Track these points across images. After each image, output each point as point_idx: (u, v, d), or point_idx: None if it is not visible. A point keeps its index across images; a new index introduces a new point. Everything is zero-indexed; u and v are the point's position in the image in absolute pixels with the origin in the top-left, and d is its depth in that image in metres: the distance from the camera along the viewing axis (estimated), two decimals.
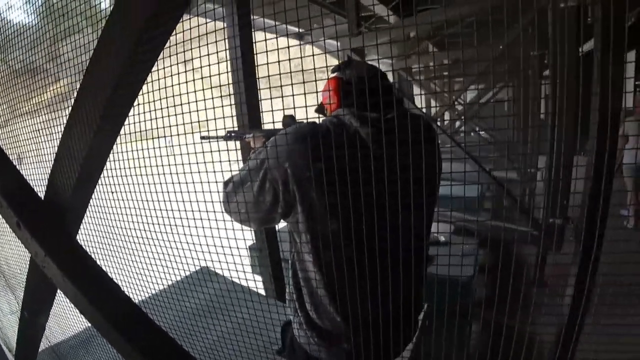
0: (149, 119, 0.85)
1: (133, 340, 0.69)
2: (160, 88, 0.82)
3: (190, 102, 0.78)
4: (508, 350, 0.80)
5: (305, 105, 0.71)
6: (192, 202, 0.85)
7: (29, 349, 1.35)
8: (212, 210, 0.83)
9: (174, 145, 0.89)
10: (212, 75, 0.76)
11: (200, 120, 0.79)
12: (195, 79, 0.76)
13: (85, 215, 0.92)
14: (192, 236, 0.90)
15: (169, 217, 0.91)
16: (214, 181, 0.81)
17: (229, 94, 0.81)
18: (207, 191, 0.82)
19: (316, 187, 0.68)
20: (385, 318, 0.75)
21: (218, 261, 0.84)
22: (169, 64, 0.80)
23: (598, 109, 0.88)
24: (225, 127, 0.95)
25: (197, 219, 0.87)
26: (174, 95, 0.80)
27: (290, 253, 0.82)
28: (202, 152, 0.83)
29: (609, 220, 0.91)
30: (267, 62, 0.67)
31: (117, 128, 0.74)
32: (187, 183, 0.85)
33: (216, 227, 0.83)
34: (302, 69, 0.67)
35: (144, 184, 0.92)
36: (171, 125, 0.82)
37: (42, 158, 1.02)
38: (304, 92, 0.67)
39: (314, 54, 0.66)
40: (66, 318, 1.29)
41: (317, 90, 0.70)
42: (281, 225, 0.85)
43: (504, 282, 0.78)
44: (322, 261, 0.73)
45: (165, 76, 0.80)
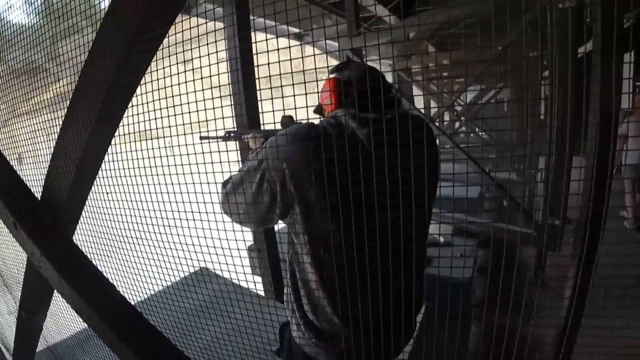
0: (147, 120, 0.85)
1: (128, 340, 0.69)
2: (158, 88, 0.81)
3: (189, 103, 0.78)
4: (508, 351, 0.80)
5: (306, 105, 0.70)
6: (190, 202, 0.85)
7: (26, 348, 1.35)
8: (213, 212, 0.83)
9: (173, 145, 0.89)
10: (211, 76, 0.76)
11: (200, 121, 0.79)
12: (194, 79, 0.76)
13: (83, 216, 0.92)
14: (192, 237, 0.90)
15: (167, 217, 0.91)
16: (212, 182, 0.81)
17: (227, 94, 0.80)
18: (206, 192, 0.82)
19: (314, 188, 0.68)
20: (383, 319, 0.75)
21: (218, 262, 0.84)
22: (167, 64, 0.80)
23: (597, 109, 0.88)
24: (224, 128, 0.95)
25: (195, 220, 0.87)
26: (172, 96, 0.80)
27: (288, 254, 0.82)
28: (202, 152, 0.83)
29: (609, 221, 0.91)
30: (268, 63, 0.67)
31: (112, 129, 0.75)
32: (185, 184, 0.85)
33: (215, 228, 0.83)
34: (303, 69, 0.67)
35: (141, 185, 0.91)
36: (170, 125, 0.82)
37: (39, 158, 1.02)
38: (304, 93, 0.67)
39: (314, 54, 0.65)
40: (64, 318, 1.28)
41: (315, 91, 0.70)
42: (280, 226, 0.85)
43: (502, 283, 0.78)
44: (320, 262, 0.73)
45: (165, 76, 0.80)
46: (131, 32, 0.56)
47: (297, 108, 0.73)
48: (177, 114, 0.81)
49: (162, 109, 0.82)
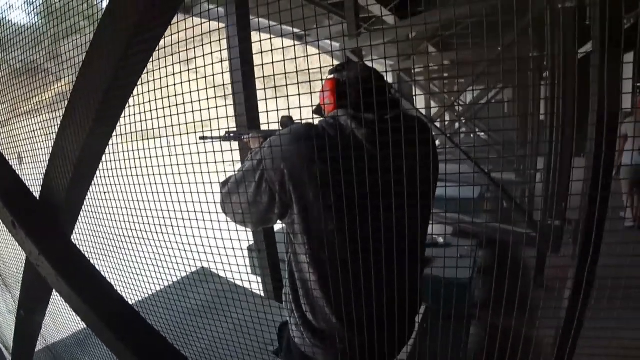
0: (148, 119, 0.85)
1: (125, 340, 0.69)
2: (157, 88, 0.82)
3: (187, 102, 0.78)
4: (507, 352, 0.80)
5: (311, 105, 0.70)
6: (190, 202, 0.85)
7: (25, 347, 1.35)
8: (211, 212, 0.83)
9: (173, 145, 0.89)
10: (212, 75, 0.76)
11: (201, 120, 0.79)
12: (191, 79, 0.76)
13: (81, 215, 0.92)
14: (190, 237, 0.90)
15: (166, 217, 0.91)
16: (212, 182, 0.81)
17: (225, 94, 0.80)
18: (205, 192, 0.82)
19: (312, 188, 0.68)
20: (381, 319, 0.75)
21: (221, 262, 0.84)
22: (167, 64, 0.79)
23: (596, 110, 0.88)
24: (227, 127, 0.95)
25: (193, 219, 0.87)
26: (173, 96, 0.80)
27: (286, 254, 0.82)
28: (204, 152, 0.83)
29: (608, 222, 0.91)
30: (265, 63, 0.67)
31: (110, 130, 0.75)
32: (182, 183, 0.85)
33: (216, 228, 0.83)
34: (304, 70, 0.67)
35: (140, 185, 0.92)
36: (172, 125, 0.82)
37: (38, 158, 1.02)
38: (304, 93, 0.67)
39: (317, 54, 0.65)
40: (62, 317, 1.29)
41: (314, 91, 0.70)
42: (279, 227, 0.85)
43: (502, 284, 0.78)
44: (318, 262, 0.73)
45: (166, 76, 0.80)
46: (128, 33, 0.57)
47: (297, 108, 0.73)
48: (177, 114, 0.81)
49: (162, 108, 0.82)
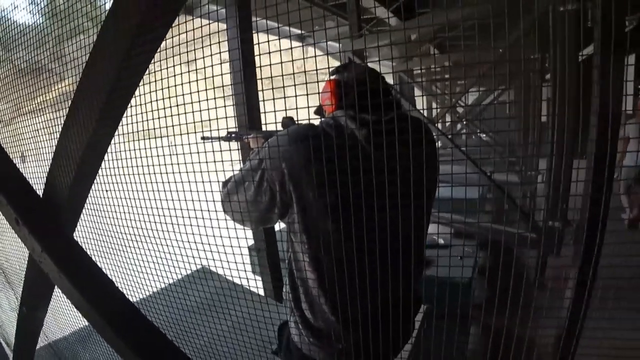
0: (150, 119, 0.85)
1: (126, 337, 0.70)
2: (162, 88, 0.82)
3: (190, 103, 0.78)
4: (508, 354, 0.80)
5: (307, 106, 0.71)
6: (190, 201, 0.86)
7: (27, 343, 1.36)
8: (209, 210, 0.84)
9: (175, 145, 0.90)
10: (211, 77, 0.76)
11: (198, 121, 0.80)
12: (193, 80, 0.77)
13: (83, 213, 0.93)
14: (188, 235, 0.90)
15: (167, 215, 0.91)
16: (212, 181, 0.82)
17: (224, 95, 0.81)
18: (206, 191, 0.83)
19: (312, 188, 0.69)
20: (380, 319, 0.75)
21: (220, 260, 0.84)
22: (170, 64, 0.80)
23: (598, 112, 0.88)
24: (223, 128, 0.95)
25: (192, 218, 0.88)
26: (170, 97, 0.81)
27: (287, 253, 0.82)
28: (204, 152, 0.83)
29: (610, 223, 0.91)
30: (266, 65, 0.67)
31: (112, 130, 0.76)
32: (182, 182, 0.85)
33: (218, 227, 0.84)
34: (301, 72, 0.67)
35: (142, 183, 0.92)
36: (173, 125, 0.83)
37: (40, 157, 1.03)
38: (306, 94, 0.68)
39: (318, 56, 0.66)
40: (64, 314, 1.30)
41: (316, 92, 0.71)
42: (281, 226, 0.85)
43: (502, 285, 0.78)
44: (318, 261, 0.73)
45: (167, 77, 0.81)
46: (131, 34, 0.57)
47: (299, 109, 0.73)
48: (179, 114, 0.82)
49: (164, 108, 0.83)
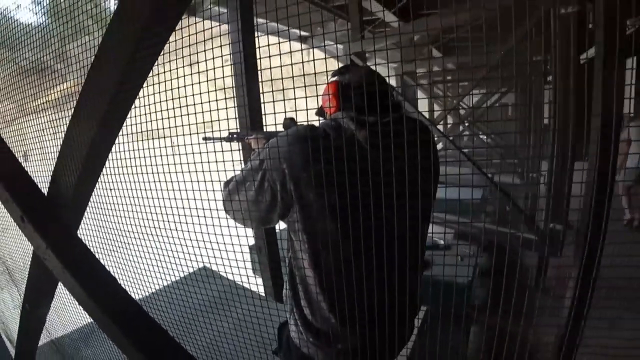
0: (154, 120, 0.87)
1: (128, 334, 0.71)
2: (166, 90, 0.83)
3: (192, 104, 0.79)
4: (507, 354, 0.80)
5: (306, 108, 0.71)
6: (192, 200, 0.86)
7: (29, 340, 1.37)
8: (210, 209, 0.84)
9: (178, 145, 0.91)
10: (214, 79, 0.77)
11: (200, 122, 0.81)
12: (196, 83, 0.78)
13: (87, 212, 0.94)
14: (192, 232, 0.91)
15: (169, 213, 0.92)
16: (215, 180, 0.83)
17: (226, 97, 0.82)
18: (208, 190, 0.83)
19: (312, 188, 0.70)
20: (380, 319, 0.76)
21: (221, 260, 0.85)
22: (173, 66, 0.81)
23: (599, 114, 0.88)
24: (225, 129, 0.96)
25: (195, 217, 0.88)
26: (174, 98, 0.82)
27: (287, 253, 0.83)
28: (206, 152, 0.84)
29: (610, 225, 0.91)
30: (266, 68, 0.68)
31: (116, 130, 0.78)
32: (183, 182, 0.86)
33: (219, 226, 0.85)
34: (299, 75, 0.68)
35: (144, 182, 0.93)
36: (176, 125, 0.84)
37: (44, 156, 1.05)
38: (307, 96, 0.68)
39: (321, 58, 0.66)
40: (67, 312, 1.31)
41: (318, 94, 0.71)
42: (281, 226, 0.86)
43: (502, 287, 0.78)
44: (318, 261, 0.74)
45: (171, 79, 0.82)
46: (136, 37, 0.58)
47: (300, 110, 0.74)
48: (182, 115, 0.83)
49: (167, 109, 0.84)
